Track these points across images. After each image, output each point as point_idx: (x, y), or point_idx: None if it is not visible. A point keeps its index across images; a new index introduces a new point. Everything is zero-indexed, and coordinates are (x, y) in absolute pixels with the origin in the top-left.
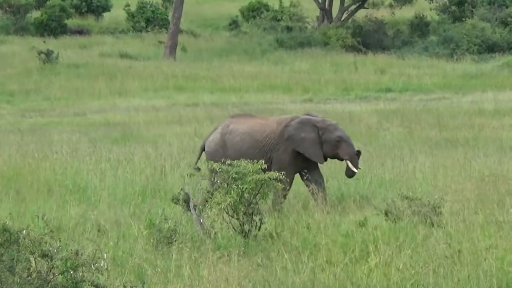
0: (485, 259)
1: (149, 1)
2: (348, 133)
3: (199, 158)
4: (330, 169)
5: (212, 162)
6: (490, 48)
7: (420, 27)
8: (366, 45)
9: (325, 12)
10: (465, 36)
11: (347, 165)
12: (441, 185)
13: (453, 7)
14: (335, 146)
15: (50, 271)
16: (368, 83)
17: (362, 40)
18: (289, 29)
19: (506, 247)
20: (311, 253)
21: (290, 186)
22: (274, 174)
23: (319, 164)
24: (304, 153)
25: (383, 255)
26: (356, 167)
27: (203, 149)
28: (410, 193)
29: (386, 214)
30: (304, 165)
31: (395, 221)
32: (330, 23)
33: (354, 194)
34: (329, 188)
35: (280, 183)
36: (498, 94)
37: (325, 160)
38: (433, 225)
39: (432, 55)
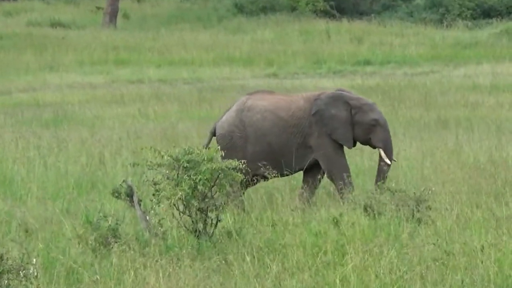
0: (481, 262)
1: None
2: None
3: (208, 145)
4: None
5: (224, 146)
6: (486, 13)
7: None
8: (340, 10)
9: None
10: None
11: (380, 154)
12: (429, 174)
13: None
14: (368, 130)
15: None
16: (343, 55)
17: (335, 4)
18: None
19: (506, 247)
20: (276, 256)
21: (349, 169)
22: (233, 162)
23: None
24: (331, 134)
25: (361, 257)
26: (390, 158)
27: (213, 134)
28: (393, 184)
29: (364, 209)
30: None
31: (376, 217)
32: None
33: (327, 186)
34: (296, 178)
35: (337, 169)
36: (496, 66)
37: (354, 145)
38: (420, 222)
39: (418, 21)
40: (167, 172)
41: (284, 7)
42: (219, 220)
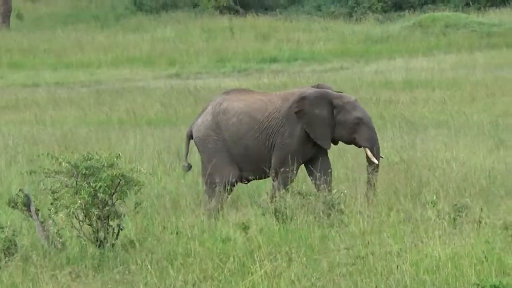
0: (397, 266)
1: None
2: None
3: (188, 150)
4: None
5: (204, 150)
6: (397, 5)
7: None
8: (244, 5)
9: None
10: None
11: (366, 154)
12: (341, 175)
13: None
14: (353, 129)
15: None
16: (248, 53)
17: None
18: None
19: (423, 250)
20: (182, 265)
21: (295, 177)
22: (133, 167)
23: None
24: (310, 133)
25: (271, 264)
26: (377, 157)
27: (190, 137)
28: (303, 188)
29: (274, 214)
30: (313, 152)
31: (285, 222)
32: None
33: (237, 190)
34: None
35: (283, 173)
36: (409, 61)
37: (336, 144)
38: (332, 226)
39: (326, 15)
40: (66, 179)
41: (185, 4)
42: (121, 229)
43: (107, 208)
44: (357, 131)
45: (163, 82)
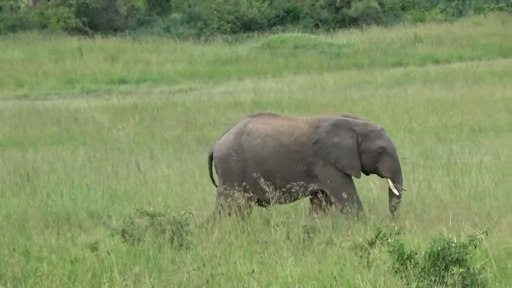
0: (248, 287)
1: None
2: (75, 135)
3: (212, 171)
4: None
5: (223, 170)
6: (246, 26)
7: (159, 2)
8: (93, 27)
9: None
10: (215, 12)
11: (389, 184)
12: (191, 196)
13: None
14: (376, 159)
15: None
16: (97, 74)
17: (88, 21)
18: None
19: (273, 271)
20: (32, 285)
21: (359, 199)
22: None
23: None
24: (335, 163)
25: (120, 285)
26: (400, 189)
27: (211, 157)
28: (152, 208)
29: (122, 234)
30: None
31: (134, 243)
32: (49, 0)
33: (81, 211)
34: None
35: (345, 202)
36: (258, 82)
37: (367, 174)
38: (181, 247)
39: (175, 36)
40: None
41: (34, 25)
42: None
43: None
44: (380, 161)
45: (11, 103)
